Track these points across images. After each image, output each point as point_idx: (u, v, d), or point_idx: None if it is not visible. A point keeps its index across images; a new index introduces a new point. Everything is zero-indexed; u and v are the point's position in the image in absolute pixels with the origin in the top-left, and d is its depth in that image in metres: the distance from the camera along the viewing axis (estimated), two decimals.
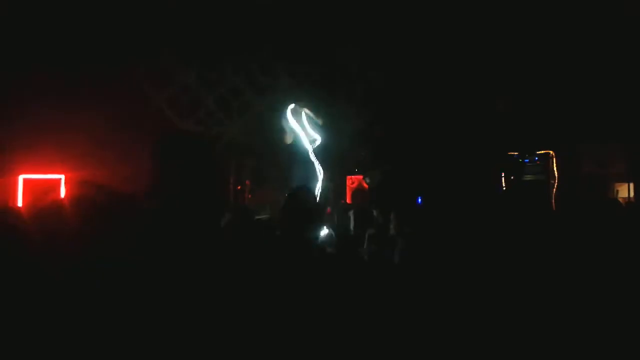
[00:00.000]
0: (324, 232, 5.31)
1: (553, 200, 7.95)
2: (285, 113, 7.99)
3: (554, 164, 8.47)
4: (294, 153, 8.05)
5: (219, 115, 10.53)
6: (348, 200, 9.06)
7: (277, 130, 8.12)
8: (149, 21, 9.14)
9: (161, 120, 9.64)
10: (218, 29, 9.66)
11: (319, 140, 8.08)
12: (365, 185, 9.11)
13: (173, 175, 1.92)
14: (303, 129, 8.00)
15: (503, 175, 8.71)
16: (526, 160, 8.58)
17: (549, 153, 8.51)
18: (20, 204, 7.53)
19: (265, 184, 8.45)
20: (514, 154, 8.59)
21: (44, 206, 2.80)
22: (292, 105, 8.03)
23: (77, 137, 8.36)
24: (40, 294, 1.77)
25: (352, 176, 9.32)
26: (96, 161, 7.90)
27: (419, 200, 7.69)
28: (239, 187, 8.68)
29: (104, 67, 8.92)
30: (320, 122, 8.24)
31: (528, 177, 8.61)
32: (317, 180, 7.87)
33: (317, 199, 7.14)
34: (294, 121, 7.98)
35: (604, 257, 3.77)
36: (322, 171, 7.98)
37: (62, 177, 6.91)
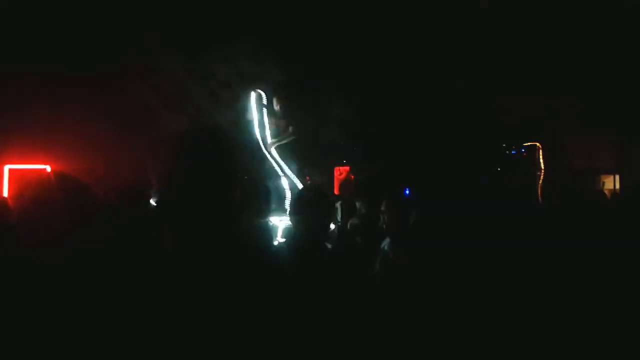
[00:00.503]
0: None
1: (539, 191, 8.00)
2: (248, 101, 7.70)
3: (541, 156, 8.51)
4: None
5: (207, 107, 10.47)
6: (335, 192, 9.05)
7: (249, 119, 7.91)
8: (137, 15, 9.10)
9: (149, 114, 9.60)
10: (206, 20, 9.62)
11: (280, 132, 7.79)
12: (352, 177, 9.11)
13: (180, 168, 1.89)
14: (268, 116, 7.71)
15: (490, 166, 8.73)
16: (513, 152, 8.61)
17: (536, 145, 8.55)
18: (5, 193, 7.48)
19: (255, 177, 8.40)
20: (501, 146, 8.63)
21: (30, 196, 2.78)
22: (256, 93, 7.75)
23: (64, 128, 8.32)
24: (27, 283, 1.76)
25: (340, 167, 9.31)
26: (82, 152, 7.86)
27: (407, 192, 7.70)
28: None
29: (93, 60, 8.88)
30: (281, 113, 7.92)
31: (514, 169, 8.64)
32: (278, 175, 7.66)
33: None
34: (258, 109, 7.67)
35: (589, 247, 3.79)
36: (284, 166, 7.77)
37: (48, 167, 6.85)
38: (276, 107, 7.90)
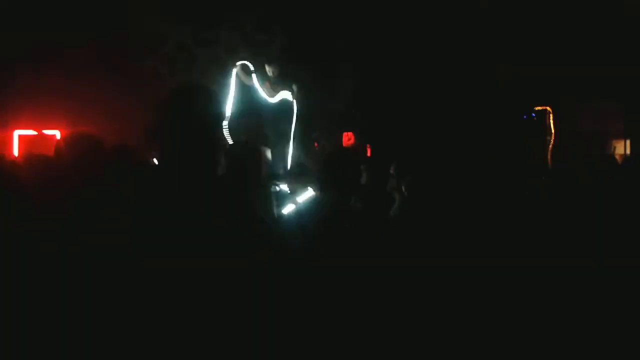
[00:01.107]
0: None
1: (549, 156, 7.96)
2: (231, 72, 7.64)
3: (551, 120, 8.45)
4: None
5: (214, 73, 10.41)
6: None
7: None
8: None
9: (156, 80, 9.58)
10: None
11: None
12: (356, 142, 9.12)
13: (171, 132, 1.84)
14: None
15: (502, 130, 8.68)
16: (524, 117, 8.55)
17: (547, 109, 8.48)
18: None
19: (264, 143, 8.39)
20: (513, 110, 8.57)
21: (39, 160, 2.79)
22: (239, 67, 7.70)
23: (73, 94, 8.33)
24: (33, 247, 1.76)
25: (349, 132, 9.29)
26: (91, 117, 7.88)
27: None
28: None
29: (100, 26, 8.86)
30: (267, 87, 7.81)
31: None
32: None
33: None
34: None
35: (599, 211, 3.79)
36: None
37: (57, 132, 6.88)
38: (270, 73, 7.83)
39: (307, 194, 5.25)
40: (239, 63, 7.67)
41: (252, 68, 7.63)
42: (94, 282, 1.53)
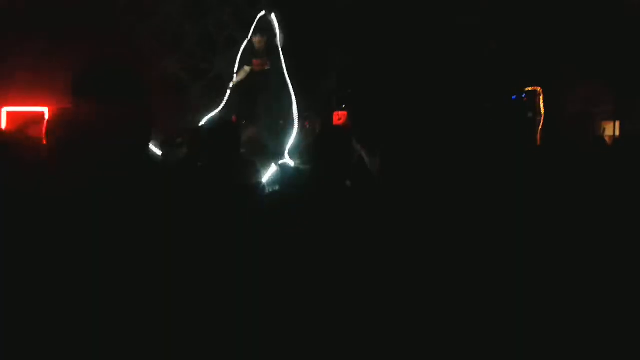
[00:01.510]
0: None
1: (539, 137, 7.96)
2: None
3: (541, 101, 8.44)
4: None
5: (204, 49, 10.36)
6: None
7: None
8: None
9: (145, 56, 9.52)
10: None
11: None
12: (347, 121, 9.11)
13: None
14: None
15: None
16: (513, 97, 8.54)
17: (537, 90, 8.47)
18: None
19: (254, 121, 8.38)
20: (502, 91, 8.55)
21: (27, 138, 2.77)
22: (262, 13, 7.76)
23: (61, 70, 8.26)
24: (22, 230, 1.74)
25: (339, 112, 9.25)
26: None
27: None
28: None
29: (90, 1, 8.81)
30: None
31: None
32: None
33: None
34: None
35: (588, 195, 3.80)
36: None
37: (46, 109, 6.81)
38: (257, 45, 7.83)
39: (270, 172, 5.21)
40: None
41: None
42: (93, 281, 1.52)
